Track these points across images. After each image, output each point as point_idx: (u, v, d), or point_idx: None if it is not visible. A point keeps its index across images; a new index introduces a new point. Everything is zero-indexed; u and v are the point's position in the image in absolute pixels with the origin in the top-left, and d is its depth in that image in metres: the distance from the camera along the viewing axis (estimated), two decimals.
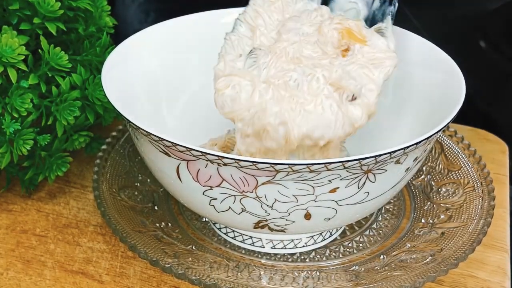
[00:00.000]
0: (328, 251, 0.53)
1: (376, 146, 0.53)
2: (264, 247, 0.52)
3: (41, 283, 0.51)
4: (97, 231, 0.55)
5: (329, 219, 0.47)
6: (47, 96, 0.54)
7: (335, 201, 0.45)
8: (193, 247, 0.52)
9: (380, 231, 0.55)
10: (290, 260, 0.52)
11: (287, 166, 0.42)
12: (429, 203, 0.56)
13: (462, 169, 0.58)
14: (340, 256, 0.53)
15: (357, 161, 0.42)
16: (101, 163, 0.58)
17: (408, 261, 0.50)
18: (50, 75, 0.54)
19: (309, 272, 0.50)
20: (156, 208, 0.56)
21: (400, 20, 0.68)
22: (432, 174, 0.59)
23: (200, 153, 0.43)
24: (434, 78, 0.54)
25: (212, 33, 0.60)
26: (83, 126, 0.58)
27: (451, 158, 0.59)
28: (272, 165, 0.42)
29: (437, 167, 0.59)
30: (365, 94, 0.47)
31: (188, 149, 0.43)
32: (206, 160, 0.43)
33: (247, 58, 0.49)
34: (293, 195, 0.44)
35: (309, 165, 0.41)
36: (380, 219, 0.56)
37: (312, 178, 0.43)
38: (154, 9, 0.79)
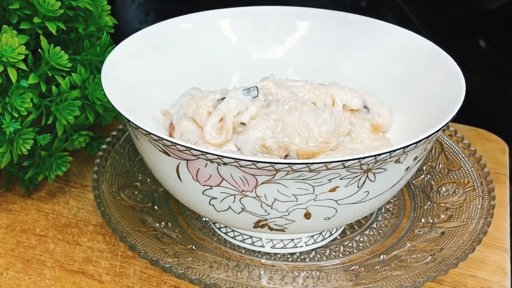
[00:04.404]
0: (328, 251, 0.53)
1: None
2: (264, 247, 0.52)
3: (40, 283, 0.51)
4: (97, 230, 0.55)
5: (329, 218, 0.47)
6: (47, 96, 0.54)
7: (335, 201, 0.45)
8: (193, 247, 0.52)
9: (380, 231, 0.55)
10: (290, 259, 0.52)
11: (286, 165, 0.42)
12: (429, 202, 0.56)
13: (462, 168, 0.58)
14: (340, 255, 0.52)
15: (357, 160, 0.42)
16: (101, 162, 0.58)
17: (408, 260, 0.50)
18: (50, 74, 0.54)
19: (309, 272, 0.50)
20: (156, 207, 0.56)
21: (400, 20, 0.68)
22: (432, 173, 0.59)
23: (199, 153, 0.43)
24: (434, 77, 0.54)
25: (212, 33, 0.61)
26: (83, 125, 0.58)
27: (451, 158, 0.59)
28: (272, 164, 0.42)
29: (437, 167, 0.59)
30: None
31: (188, 149, 0.43)
32: (206, 160, 0.43)
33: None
34: (293, 194, 0.44)
35: (308, 164, 0.41)
36: (380, 218, 0.56)
37: (312, 177, 0.43)
38: (154, 9, 0.79)
